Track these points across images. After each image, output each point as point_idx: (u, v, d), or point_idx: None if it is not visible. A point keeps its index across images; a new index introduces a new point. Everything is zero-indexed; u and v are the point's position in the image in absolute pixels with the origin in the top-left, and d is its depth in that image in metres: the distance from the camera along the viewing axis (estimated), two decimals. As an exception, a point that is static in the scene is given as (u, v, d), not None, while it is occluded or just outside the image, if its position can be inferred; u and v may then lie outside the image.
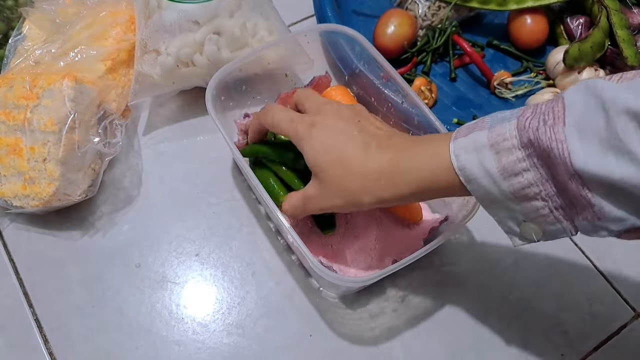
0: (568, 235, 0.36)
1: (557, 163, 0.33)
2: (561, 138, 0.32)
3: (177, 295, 0.54)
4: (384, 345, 0.52)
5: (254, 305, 0.54)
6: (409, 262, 0.46)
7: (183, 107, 0.64)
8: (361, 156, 0.42)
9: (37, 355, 0.51)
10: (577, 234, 0.36)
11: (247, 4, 0.61)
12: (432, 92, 0.64)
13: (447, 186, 0.39)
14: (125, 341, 0.51)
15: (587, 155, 0.31)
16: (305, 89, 0.51)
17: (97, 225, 0.57)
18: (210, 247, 0.56)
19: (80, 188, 0.54)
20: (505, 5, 0.68)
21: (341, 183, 0.43)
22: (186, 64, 0.59)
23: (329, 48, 0.63)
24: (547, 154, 0.33)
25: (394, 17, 0.66)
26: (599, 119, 0.31)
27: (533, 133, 0.33)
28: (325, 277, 0.45)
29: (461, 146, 0.37)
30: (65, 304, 0.53)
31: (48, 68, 0.57)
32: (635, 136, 0.29)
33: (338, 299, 0.54)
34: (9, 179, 0.53)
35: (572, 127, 0.32)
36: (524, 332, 0.54)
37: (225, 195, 0.59)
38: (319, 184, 0.44)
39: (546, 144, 0.32)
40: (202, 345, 0.52)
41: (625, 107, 0.30)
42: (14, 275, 0.54)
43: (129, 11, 0.62)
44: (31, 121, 0.52)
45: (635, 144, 0.29)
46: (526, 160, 0.34)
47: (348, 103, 0.60)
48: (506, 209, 0.37)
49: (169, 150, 0.62)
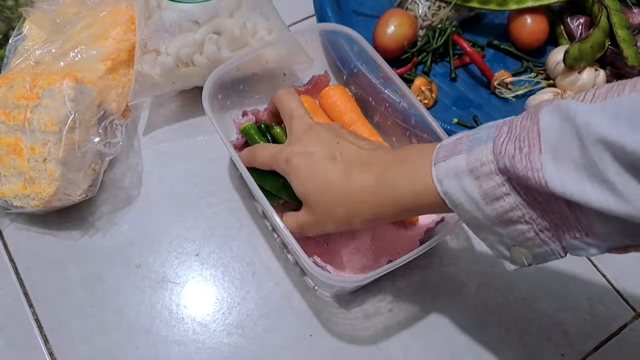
0: (557, 257, 0.35)
1: (536, 189, 0.32)
2: (537, 166, 0.31)
3: (177, 295, 0.54)
4: (384, 345, 0.52)
5: (254, 305, 0.54)
6: (403, 262, 0.47)
7: (183, 107, 0.64)
8: (344, 181, 0.43)
9: (37, 355, 0.51)
10: (567, 255, 0.35)
11: (247, 4, 0.61)
12: (432, 92, 0.64)
13: (433, 206, 0.39)
14: (126, 341, 0.51)
15: (565, 183, 0.30)
16: (282, 93, 0.52)
17: (97, 225, 0.57)
18: (211, 247, 0.56)
19: (80, 188, 0.54)
20: (506, 5, 0.68)
21: (329, 209, 0.44)
22: (186, 63, 0.59)
23: (329, 47, 0.63)
24: (524, 180, 0.32)
25: (394, 17, 0.66)
26: (573, 147, 0.30)
27: (509, 160, 0.33)
28: (319, 276, 0.45)
29: (442, 171, 0.37)
30: (66, 304, 0.53)
31: (48, 68, 0.57)
32: (611, 165, 0.29)
33: (333, 299, 0.54)
34: (9, 179, 0.53)
35: (548, 154, 0.31)
36: (524, 332, 0.54)
37: (225, 195, 0.59)
38: (310, 212, 0.46)
39: (522, 172, 0.32)
40: (202, 345, 0.52)
41: (598, 135, 0.29)
42: (14, 275, 0.54)
43: (129, 11, 0.62)
44: (31, 121, 0.52)
45: (612, 173, 0.28)
46: (505, 185, 0.34)
47: (346, 102, 0.60)
48: (494, 233, 0.37)
49: (169, 150, 0.62)
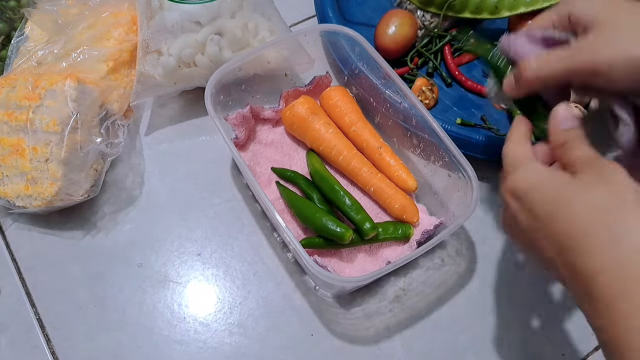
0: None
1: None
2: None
3: (179, 295, 0.54)
4: (385, 345, 0.52)
5: (256, 305, 0.54)
6: (403, 262, 0.47)
7: (185, 108, 0.64)
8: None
9: (39, 354, 0.51)
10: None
11: (248, 5, 0.61)
12: (434, 93, 0.64)
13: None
14: (127, 340, 0.52)
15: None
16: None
17: (99, 225, 0.57)
18: (212, 246, 0.57)
19: (82, 188, 0.54)
20: (498, 13, 0.68)
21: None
22: (188, 64, 0.59)
23: (330, 48, 0.63)
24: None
25: (395, 18, 0.66)
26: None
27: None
28: (319, 276, 0.46)
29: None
30: (68, 303, 0.53)
31: (50, 68, 0.57)
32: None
33: (334, 298, 0.54)
34: (12, 179, 0.53)
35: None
36: (524, 332, 0.54)
37: (227, 195, 0.59)
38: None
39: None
40: (204, 345, 0.52)
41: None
42: (17, 275, 0.55)
43: (131, 12, 0.62)
44: (34, 121, 0.52)
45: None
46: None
47: (347, 103, 0.60)
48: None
49: (170, 150, 0.62)
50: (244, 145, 0.60)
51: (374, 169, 0.58)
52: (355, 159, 0.58)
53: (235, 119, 0.57)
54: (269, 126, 0.62)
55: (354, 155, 0.58)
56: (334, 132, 0.59)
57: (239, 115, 0.57)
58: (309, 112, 0.58)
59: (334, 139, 0.58)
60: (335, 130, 0.59)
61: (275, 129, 0.62)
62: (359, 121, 0.60)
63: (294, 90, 0.61)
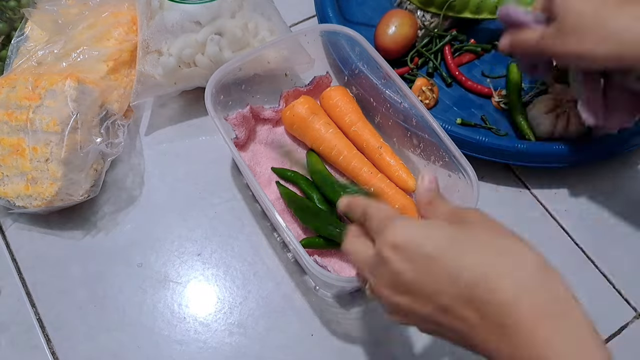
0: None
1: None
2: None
3: (179, 295, 0.54)
4: (385, 345, 0.52)
5: (256, 305, 0.54)
6: None
7: (185, 108, 0.64)
8: None
9: (39, 354, 0.51)
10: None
11: (248, 5, 0.61)
12: (434, 93, 0.64)
13: None
14: (127, 340, 0.52)
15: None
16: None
17: (99, 225, 0.57)
18: (212, 246, 0.57)
19: (82, 188, 0.54)
20: None
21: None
22: (188, 64, 0.59)
23: (330, 48, 0.63)
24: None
25: (395, 18, 0.66)
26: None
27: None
28: (319, 276, 0.46)
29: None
30: (68, 303, 0.53)
31: (50, 68, 0.57)
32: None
33: (334, 299, 0.54)
34: (12, 179, 0.53)
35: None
36: (525, 332, 0.54)
37: (227, 195, 0.59)
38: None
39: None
40: (204, 345, 0.52)
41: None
42: (17, 275, 0.55)
43: (131, 12, 0.62)
44: (34, 121, 0.52)
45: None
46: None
47: (347, 103, 0.60)
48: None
49: (170, 150, 0.62)
50: (244, 145, 0.60)
51: (374, 169, 0.58)
52: (356, 159, 0.58)
53: (235, 119, 0.57)
54: (269, 126, 0.62)
55: (354, 155, 0.58)
56: (334, 132, 0.59)
57: (239, 115, 0.57)
58: (309, 112, 0.58)
59: (334, 139, 0.58)
60: (335, 130, 0.59)
61: (276, 129, 0.62)
62: (359, 121, 0.60)
63: (294, 90, 0.62)
